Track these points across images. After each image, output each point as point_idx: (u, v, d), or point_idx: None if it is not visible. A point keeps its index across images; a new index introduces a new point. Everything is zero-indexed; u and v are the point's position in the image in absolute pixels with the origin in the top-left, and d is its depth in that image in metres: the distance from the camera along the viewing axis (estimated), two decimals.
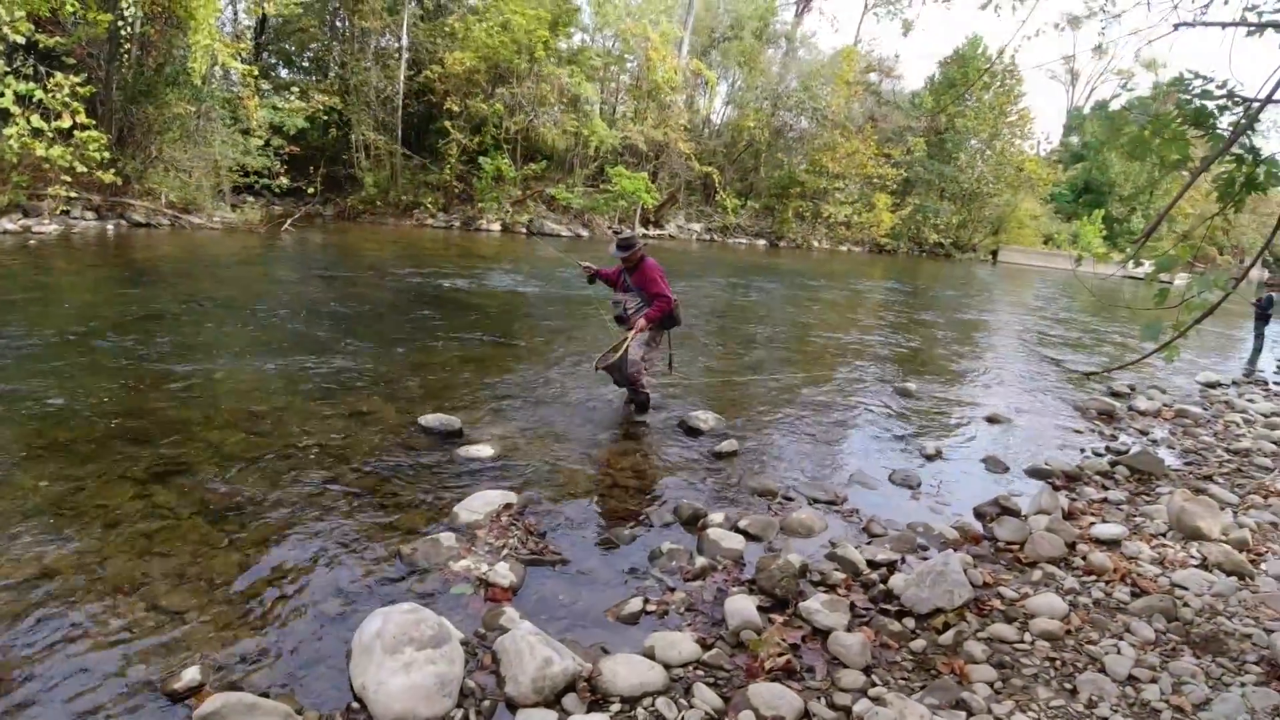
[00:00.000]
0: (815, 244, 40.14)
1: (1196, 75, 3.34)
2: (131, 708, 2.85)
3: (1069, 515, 5.46)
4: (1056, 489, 6.02)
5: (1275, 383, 12.61)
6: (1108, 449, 7.52)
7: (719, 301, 15.87)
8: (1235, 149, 3.33)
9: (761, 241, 38.43)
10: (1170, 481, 6.48)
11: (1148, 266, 3.62)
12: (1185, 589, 4.39)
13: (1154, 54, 53.91)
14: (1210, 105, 3.29)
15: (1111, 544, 4.95)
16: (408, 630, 2.98)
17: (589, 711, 2.95)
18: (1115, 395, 9.95)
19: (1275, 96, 3.26)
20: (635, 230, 31.47)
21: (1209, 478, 6.74)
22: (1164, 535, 5.22)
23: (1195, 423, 8.85)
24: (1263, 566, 4.79)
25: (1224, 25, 3.52)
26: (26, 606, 3.35)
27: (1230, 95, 3.30)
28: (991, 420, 8.15)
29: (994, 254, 47.74)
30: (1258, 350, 15.15)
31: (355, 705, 2.90)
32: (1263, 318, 15.16)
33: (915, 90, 46.73)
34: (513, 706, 2.96)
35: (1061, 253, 45.71)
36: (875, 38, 65.36)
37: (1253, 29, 3.44)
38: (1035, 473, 6.50)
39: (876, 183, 40.47)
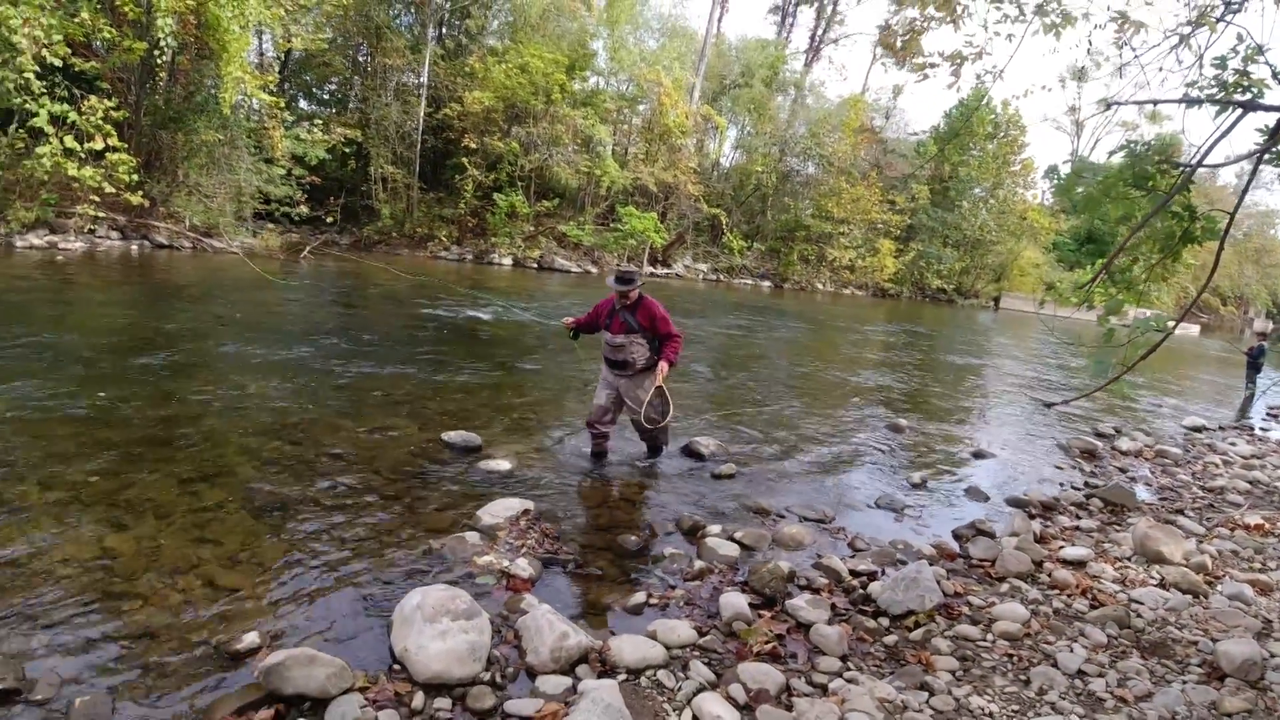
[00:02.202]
0: (819, 286, 40.95)
1: (1139, 143, 3.85)
2: (197, 664, 3.28)
3: (1040, 539, 5.87)
4: (1032, 516, 6.43)
5: (1262, 429, 12.99)
6: (1085, 484, 7.92)
7: (724, 339, 16.38)
8: (1174, 207, 3.83)
9: (766, 283, 39.21)
10: (1141, 513, 6.88)
11: (1101, 310, 4.13)
12: (1141, 603, 4.79)
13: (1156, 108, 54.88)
14: (1150, 169, 3.79)
15: (1077, 564, 5.36)
16: (445, 604, 3.43)
17: (599, 678, 3.38)
18: (1100, 436, 10.37)
19: (1205, 162, 3.78)
20: (643, 269, 32.14)
21: (1180, 511, 7.12)
22: (1128, 559, 5.62)
23: (1174, 463, 9.24)
24: (1219, 588, 5.16)
25: (1140, 104, 4.04)
26: (92, 580, 3.79)
27: (1167, 160, 3.81)
28: (978, 455, 8.56)
29: (996, 300, 48.41)
30: (1249, 398, 15.53)
31: (396, 667, 3.35)
32: (1254, 366, 15.60)
33: (920, 139, 47.70)
34: (532, 673, 3.40)
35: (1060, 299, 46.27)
36: (883, 87, 66.45)
37: (1190, 104, 3.95)
38: (1014, 502, 6.91)
39: (880, 228, 41.32)
